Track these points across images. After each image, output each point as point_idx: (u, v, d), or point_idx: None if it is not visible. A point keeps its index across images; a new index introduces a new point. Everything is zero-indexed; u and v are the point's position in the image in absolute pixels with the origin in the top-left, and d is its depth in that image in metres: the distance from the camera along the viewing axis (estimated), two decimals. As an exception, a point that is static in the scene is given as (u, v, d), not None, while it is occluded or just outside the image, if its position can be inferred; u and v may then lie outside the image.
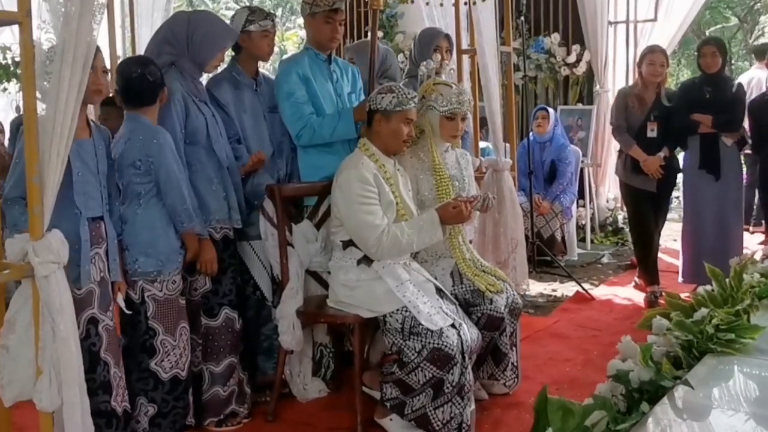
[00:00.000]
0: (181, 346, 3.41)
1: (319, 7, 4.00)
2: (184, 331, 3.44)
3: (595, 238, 7.89)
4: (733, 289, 3.34)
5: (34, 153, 2.59)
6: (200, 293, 3.63)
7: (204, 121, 3.63)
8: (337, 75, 4.18)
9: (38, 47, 2.62)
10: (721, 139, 5.41)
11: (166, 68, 3.55)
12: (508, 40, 6.20)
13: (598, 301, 5.79)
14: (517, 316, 3.91)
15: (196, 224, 3.42)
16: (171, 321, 3.38)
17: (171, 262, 3.36)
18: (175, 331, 3.39)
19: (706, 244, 5.45)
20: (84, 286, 3.01)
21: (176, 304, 3.42)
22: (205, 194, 3.61)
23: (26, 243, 2.62)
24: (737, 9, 18.08)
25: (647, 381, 2.41)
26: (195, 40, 3.62)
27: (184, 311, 3.46)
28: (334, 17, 4.03)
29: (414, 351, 3.35)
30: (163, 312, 3.36)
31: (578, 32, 8.12)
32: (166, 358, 3.36)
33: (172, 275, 3.37)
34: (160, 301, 3.34)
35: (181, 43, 3.61)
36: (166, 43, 3.62)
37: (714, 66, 5.39)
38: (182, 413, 3.44)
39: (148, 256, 3.31)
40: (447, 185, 3.83)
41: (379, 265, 3.53)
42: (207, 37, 3.63)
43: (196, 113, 3.62)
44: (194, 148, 3.60)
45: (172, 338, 3.38)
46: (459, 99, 3.85)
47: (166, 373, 3.37)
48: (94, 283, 3.06)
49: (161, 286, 3.34)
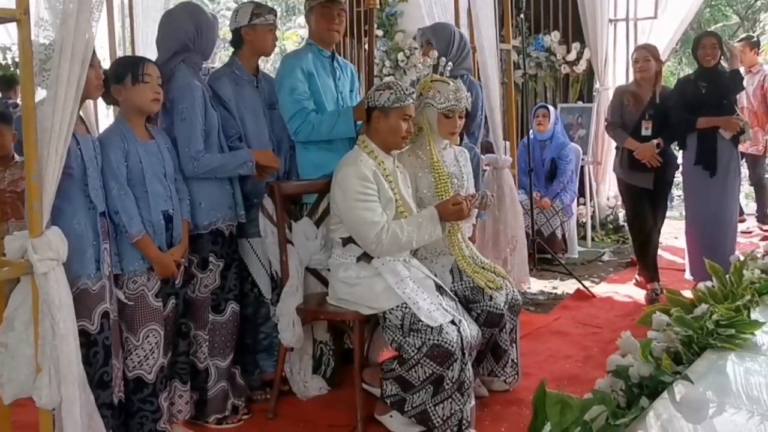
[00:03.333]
0: (147, 348, 3.30)
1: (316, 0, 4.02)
2: (153, 333, 3.31)
3: (595, 236, 7.89)
4: (734, 284, 3.35)
5: (33, 150, 2.59)
6: (210, 289, 3.64)
7: (217, 118, 3.65)
8: (339, 72, 4.18)
9: (36, 45, 2.62)
10: (719, 133, 5.40)
11: (178, 66, 3.55)
12: (507, 38, 6.21)
13: (598, 298, 5.78)
14: (516, 312, 3.91)
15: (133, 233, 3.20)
16: (134, 321, 3.27)
17: (130, 263, 3.26)
18: (139, 331, 3.28)
19: (707, 239, 5.45)
20: (99, 281, 3.02)
21: (141, 304, 3.29)
22: (217, 190, 3.63)
23: (25, 240, 2.62)
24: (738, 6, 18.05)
25: (647, 376, 2.42)
26: (203, 33, 3.66)
27: (156, 313, 3.33)
28: (331, 8, 4.04)
29: (414, 348, 3.35)
30: (126, 311, 3.27)
31: (578, 30, 8.12)
32: (129, 357, 3.28)
33: (133, 276, 3.27)
34: (120, 299, 3.26)
35: (192, 38, 3.64)
36: (176, 42, 3.62)
37: (713, 58, 5.38)
38: (150, 417, 3.32)
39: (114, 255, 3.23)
40: (446, 182, 3.82)
41: (379, 262, 3.53)
42: (209, 27, 3.70)
43: (211, 111, 3.63)
44: (209, 143, 3.60)
45: (134, 338, 3.27)
46: (456, 96, 3.84)
47: (129, 372, 3.28)
48: (105, 277, 3.07)
49: (122, 285, 3.26)
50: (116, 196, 3.17)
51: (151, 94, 3.32)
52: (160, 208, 3.31)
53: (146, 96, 3.31)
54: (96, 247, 3.03)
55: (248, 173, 3.69)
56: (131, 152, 3.24)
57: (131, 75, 3.28)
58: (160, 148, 3.37)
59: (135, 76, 3.28)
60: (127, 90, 3.28)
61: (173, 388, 3.53)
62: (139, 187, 3.25)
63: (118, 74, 3.29)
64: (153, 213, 3.28)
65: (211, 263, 3.63)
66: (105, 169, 3.17)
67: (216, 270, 3.65)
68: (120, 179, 3.19)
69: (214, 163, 3.57)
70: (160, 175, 3.33)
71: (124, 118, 3.33)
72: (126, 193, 3.20)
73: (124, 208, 3.17)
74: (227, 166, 3.61)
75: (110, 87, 3.29)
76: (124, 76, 3.28)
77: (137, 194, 3.24)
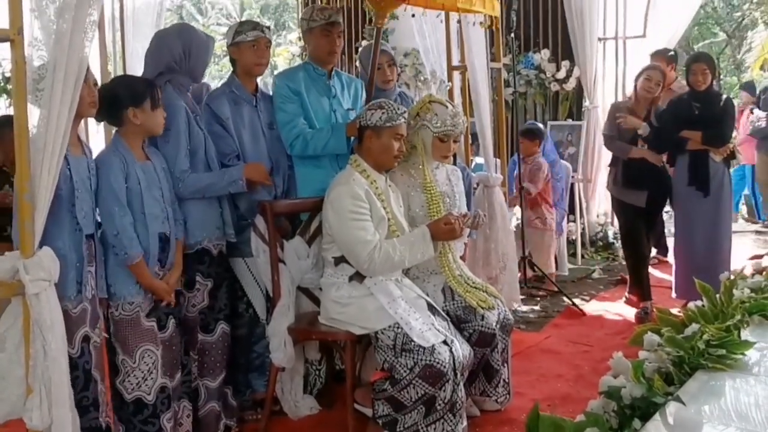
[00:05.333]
0: (144, 369, 3.28)
1: (316, 21, 4.03)
2: (148, 354, 3.29)
3: (585, 253, 7.91)
4: (724, 304, 3.36)
5: (26, 170, 2.59)
6: (198, 309, 3.62)
7: (203, 137, 3.65)
8: (336, 90, 4.18)
9: (30, 64, 2.62)
10: (710, 155, 5.44)
11: (164, 87, 3.55)
12: (498, 56, 6.23)
13: (589, 316, 5.79)
14: (508, 332, 3.91)
15: (133, 255, 3.19)
16: (129, 342, 3.26)
17: (124, 286, 3.25)
18: (135, 352, 3.26)
19: (697, 259, 5.47)
20: (80, 304, 3.00)
21: (135, 326, 3.27)
22: (204, 209, 3.62)
23: (17, 260, 2.61)
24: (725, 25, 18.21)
25: (639, 397, 2.42)
26: (192, 54, 3.64)
27: (151, 334, 3.31)
28: (332, 30, 4.06)
29: (406, 368, 3.34)
30: (121, 332, 3.26)
31: (568, 48, 8.16)
32: (127, 379, 3.27)
33: (128, 299, 3.26)
34: (116, 320, 3.26)
35: (178, 59, 3.62)
36: (161, 64, 3.61)
37: (704, 83, 5.41)
38: None
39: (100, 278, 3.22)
40: (438, 202, 3.83)
41: (371, 282, 3.53)
42: (200, 48, 3.67)
43: (196, 130, 3.63)
44: (194, 163, 3.60)
45: (131, 359, 3.26)
46: (453, 121, 3.84)
47: (128, 394, 3.27)
48: (86, 300, 3.05)
49: (117, 306, 3.26)
50: (117, 218, 3.16)
51: (162, 118, 3.35)
52: (156, 230, 3.30)
53: (160, 121, 3.34)
54: (79, 269, 3.00)
55: (239, 191, 3.69)
56: (130, 174, 3.23)
57: (150, 100, 3.28)
58: (157, 170, 3.36)
59: (154, 100, 3.29)
60: (146, 114, 3.27)
61: (182, 408, 3.52)
62: (137, 209, 3.24)
63: (136, 97, 3.27)
64: (150, 235, 3.27)
65: (198, 282, 3.61)
66: (106, 192, 3.15)
67: (204, 289, 3.64)
68: (121, 200, 3.18)
69: (202, 183, 3.56)
70: (157, 197, 3.32)
71: (125, 140, 3.31)
72: (126, 215, 3.19)
73: (124, 229, 3.16)
74: (216, 185, 3.61)
75: (119, 108, 3.27)
76: (142, 99, 3.26)
77: (135, 216, 3.23)
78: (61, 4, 2.63)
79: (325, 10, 4.11)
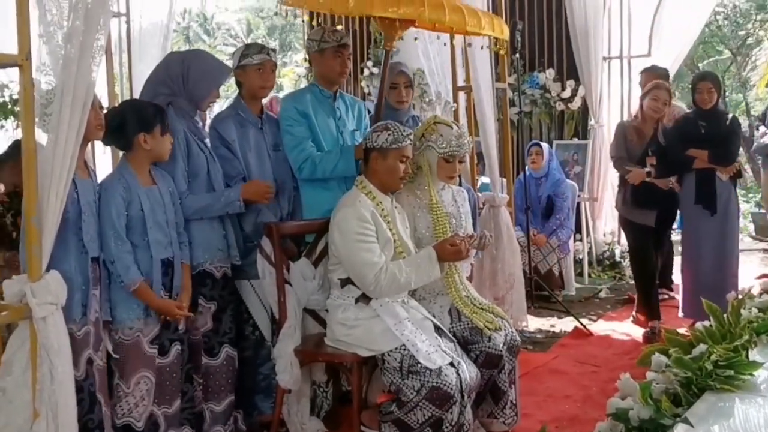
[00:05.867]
0: (137, 395, 3.25)
1: (328, 42, 4.05)
2: (144, 380, 3.27)
3: (592, 273, 7.89)
4: (731, 324, 3.33)
5: (33, 194, 2.60)
6: (201, 332, 3.62)
7: (205, 159, 3.66)
8: (341, 112, 4.20)
9: (38, 89, 2.64)
10: (716, 174, 5.43)
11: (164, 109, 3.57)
12: (503, 76, 6.25)
13: (596, 336, 5.77)
14: (515, 353, 3.89)
15: (129, 282, 3.19)
16: (126, 367, 3.25)
17: (124, 311, 3.25)
18: (130, 378, 3.25)
19: (705, 278, 5.45)
20: (84, 326, 3.01)
21: (134, 351, 3.26)
22: (206, 232, 3.63)
23: (24, 284, 2.62)
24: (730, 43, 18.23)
25: (647, 419, 2.41)
26: (190, 79, 3.64)
27: (149, 361, 3.30)
28: (343, 52, 4.08)
29: (413, 390, 3.33)
30: (119, 358, 3.25)
31: (573, 68, 8.19)
32: (119, 404, 3.25)
33: (128, 323, 3.25)
34: (116, 342, 3.25)
35: (176, 82, 3.64)
36: (161, 84, 3.65)
37: (710, 101, 5.43)
38: None
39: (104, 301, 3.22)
40: (444, 223, 3.83)
41: (377, 303, 3.53)
42: (201, 75, 3.66)
43: (197, 152, 3.64)
44: (195, 185, 3.62)
45: (125, 385, 3.24)
46: (459, 142, 3.85)
47: (118, 419, 3.24)
48: (90, 323, 3.05)
49: (117, 330, 3.25)
50: (113, 247, 3.16)
51: (169, 144, 3.38)
52: (160, 256, 3.31)
53: (168, 146, 3.37)
54: (84, 292, 3.01)
55: (237, 211, 3.70)
56: (133, 200, 3.24)
57: (161, 126, 3.30)
58: (162, 194, 3.37)
59: (164, 126, 3.32)
60: (156, 140, 3.30)
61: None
62: (140, 235, 3.25)
63: (146, 122, 3.29)
64: (153, 261, 3.27)
65: (200, 305, 3.61)
66: (105, 218, 3.17)
67: (207, 312, 3.64)
68: (117, 229, 3.18)
69: (200, 204, 3.58)
70: (161, 222, 3.33)
71: (131, 165, 3.32)
72: (123, 243, 3.19)
73: (119, 258, 3.17)
74: (213, 206, 3.62)
75: (128, 132, 3.28)
76: (152, 125, 3.29)
77: (137, 242, 3.24)
78: (68, 29, 2.65)
79: (336, 32, 4.14)
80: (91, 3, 2.67)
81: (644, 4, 8.27)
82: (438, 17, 3.71)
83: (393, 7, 3.61)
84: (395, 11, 3.63)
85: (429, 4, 3.64)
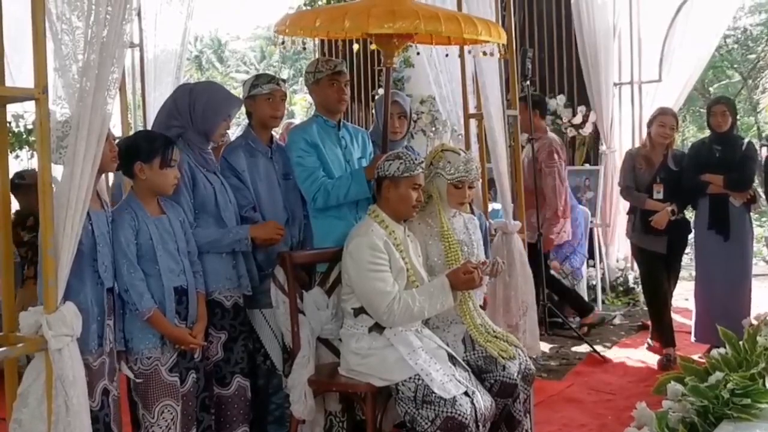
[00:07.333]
0: (163, 425, 3.25)
1: (322, 72, 4.08)
2: (168, 409, 3.27)
3: (606, 299, 7.85)
4: (747, 351, 3.31)
5: (49, 226, 2.62)
6: (212, 362, 3.62)
7: (212, 191, 3.67)
8: (346, 141, 4.22)
9: (53, 122, 2.67)
10: (730, 199, 5.42)
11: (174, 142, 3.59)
12: (514, 103, 6.25)
13: (611, 363, 5.74)
14: (530, 382, 3.87)
15: (144, 310, 3.21)
16: (148, 396, 3.25)
17: (140, 341, 3.25)
18: (153, 407, 3.24)
19: (718, 303, 5.43)
20: (100, 357, 3.01)
21: (155, 380, 3.27)
22: (215, 262, 3.64)
23: (40, 316, 2.63)
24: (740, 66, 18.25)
25: (664, 450, 2.39)
26: (197, 111, 3.65)
27: (172, 389, 3.30)
28: (338, 79, 4.10)
29: (427, 420, 3.31)
30: (141, 386, 3.26)
31: (583, 93, 8.21)
32: None
33: (145, 353, 3.26)
34: (136, 373, 3.25)
35: (184, 114, 3.65)
36: (171, 117, 3.68)
37: (724, 125, 5.44)
38: None
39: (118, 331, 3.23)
40: (456, 251, 3.83)
41: (391, 333, 3.52)
42: (209, 107, 3.67)
43: (204, 183, 3.65)
44: (203, 217, 3.64)
45: (150, 415, 3.24)
46: (467, 167, 3.86)
47: None
48: (105, 353, 3.06)
49: (135, 360, 3.26)
50: (125, 275, 3.17)
51: (173, 179, 3.35)
52: (172, 284, 3.31)
53: (169, 181, 3.34)
54: (100, 322, 3.03)
55: (244, 249, 3.70)
56: (142, 230, 3.25)
57: (161, 158, 3.29)
58: (172, 223, 3.38)
59: (165, 160, 3.30)
60: (153, 172, 3.29)
61: None
62: (151, 263, 3.26)
63: (146, 153, 3.29)
64: (165, 289, 3.28)
65: (210, 335, 3.60)
66: (116, 247, 3.18)
67: (217, 342, 3.64)
68: (129, 257, 3.19)
69: (207, 239, 3.59)
70: (172, 251, 3.33)
71: (137, 195, 3.34)
72: (135, 271, 3.20)
73: (133, 285, 3.18)
74: (220, 242, 3.63)
75: (130, 160, 3.29)
76: (152, 157, 3.28)
77: (149, 271, 3.24)
78: (84, 63, 2.69)
79: (330, 61, 4.17)
80: (106, 37, 2.70)
81: (654, 29, 8.29)
82: (434, 28, 3.70)
83: (389, 22, 3.61)
84: (391, 26, 3.63)
85: (424, 16, 3.64)
